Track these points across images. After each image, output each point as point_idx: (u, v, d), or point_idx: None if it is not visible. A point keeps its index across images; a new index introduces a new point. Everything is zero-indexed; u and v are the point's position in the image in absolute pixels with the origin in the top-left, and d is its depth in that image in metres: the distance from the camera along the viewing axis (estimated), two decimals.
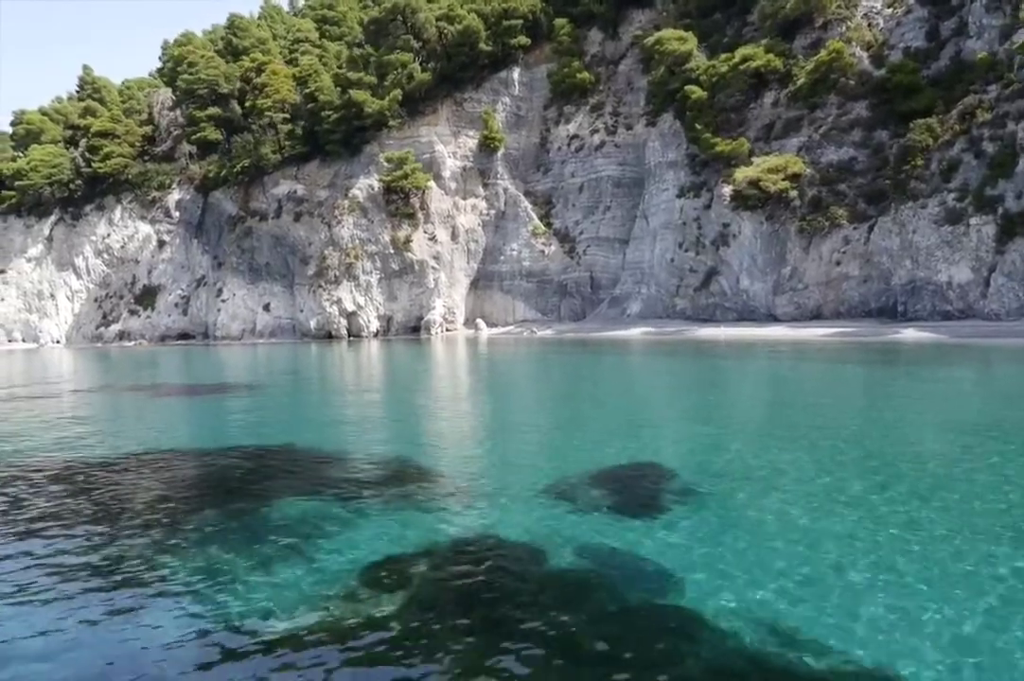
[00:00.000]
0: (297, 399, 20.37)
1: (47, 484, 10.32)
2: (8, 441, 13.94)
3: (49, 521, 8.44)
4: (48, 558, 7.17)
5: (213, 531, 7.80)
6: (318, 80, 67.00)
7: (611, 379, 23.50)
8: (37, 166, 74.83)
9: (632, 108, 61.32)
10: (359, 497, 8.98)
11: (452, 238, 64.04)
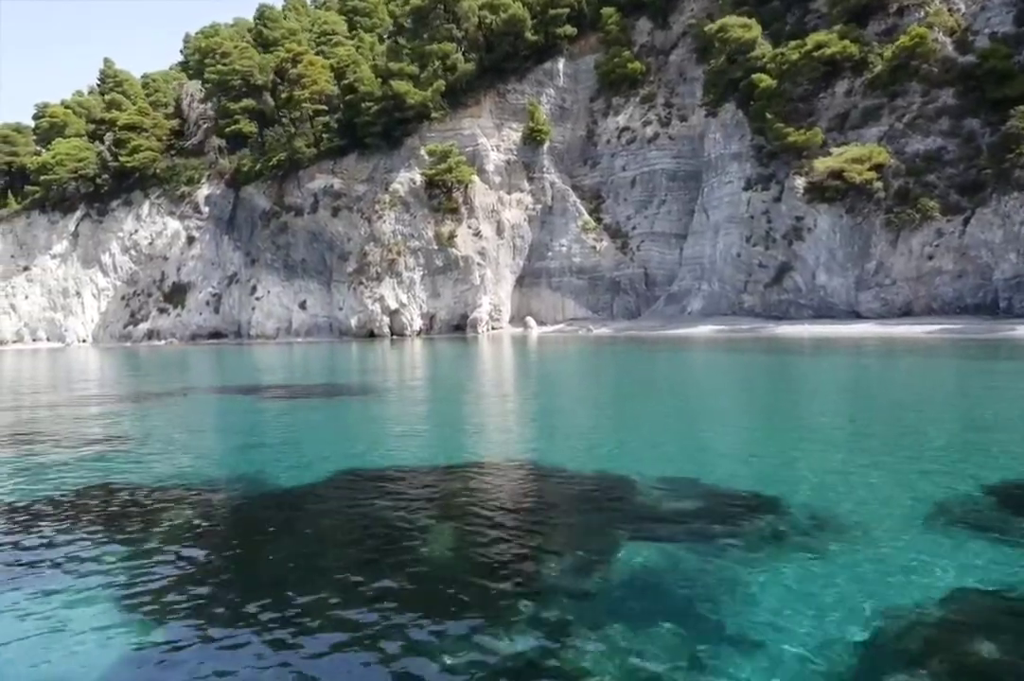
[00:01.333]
0: (440, 406, 18.28)
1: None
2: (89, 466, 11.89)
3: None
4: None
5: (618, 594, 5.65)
6: (357, 71, 65.00)
7: (725, 381, 21.47)
8: (63, 160, 72.74)
9: (686, 99, 59.35)
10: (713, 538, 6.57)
11: (497, 233, 62.01)
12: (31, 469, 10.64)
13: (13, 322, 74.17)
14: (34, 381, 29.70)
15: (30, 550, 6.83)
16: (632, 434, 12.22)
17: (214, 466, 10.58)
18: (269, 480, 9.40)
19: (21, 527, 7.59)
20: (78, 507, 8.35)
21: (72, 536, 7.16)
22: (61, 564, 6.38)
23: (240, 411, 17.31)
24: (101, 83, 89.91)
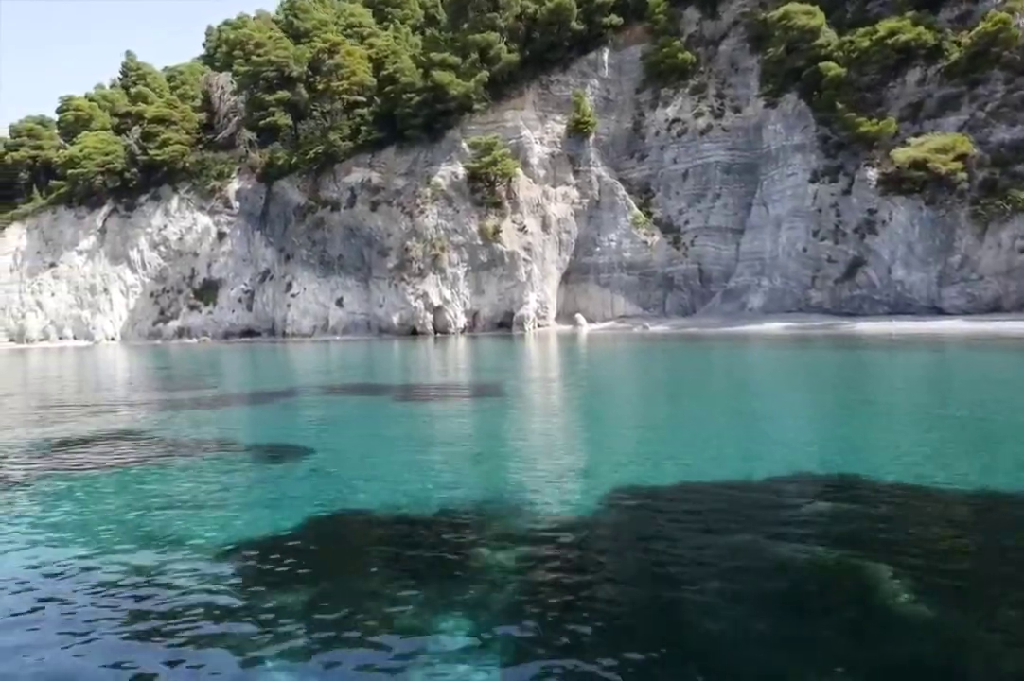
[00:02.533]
0: (595, 411, 16.60)
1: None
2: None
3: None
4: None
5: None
6: (397, 61, 63.26)
7: (855, 378, 19.84)
8: (90, 154, 70.93)
9: (739, 90, 57.70)
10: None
11: (543, 228, 60.35)
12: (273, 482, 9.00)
13: (39, 320, 72.42)
14: (109, 379, 27.99)
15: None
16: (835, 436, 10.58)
17: (489, 483, 8.93)
18: (548, 496, 7.76)
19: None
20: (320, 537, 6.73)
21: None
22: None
23: (401, 415, 15.65)
24: (123, 76, 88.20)
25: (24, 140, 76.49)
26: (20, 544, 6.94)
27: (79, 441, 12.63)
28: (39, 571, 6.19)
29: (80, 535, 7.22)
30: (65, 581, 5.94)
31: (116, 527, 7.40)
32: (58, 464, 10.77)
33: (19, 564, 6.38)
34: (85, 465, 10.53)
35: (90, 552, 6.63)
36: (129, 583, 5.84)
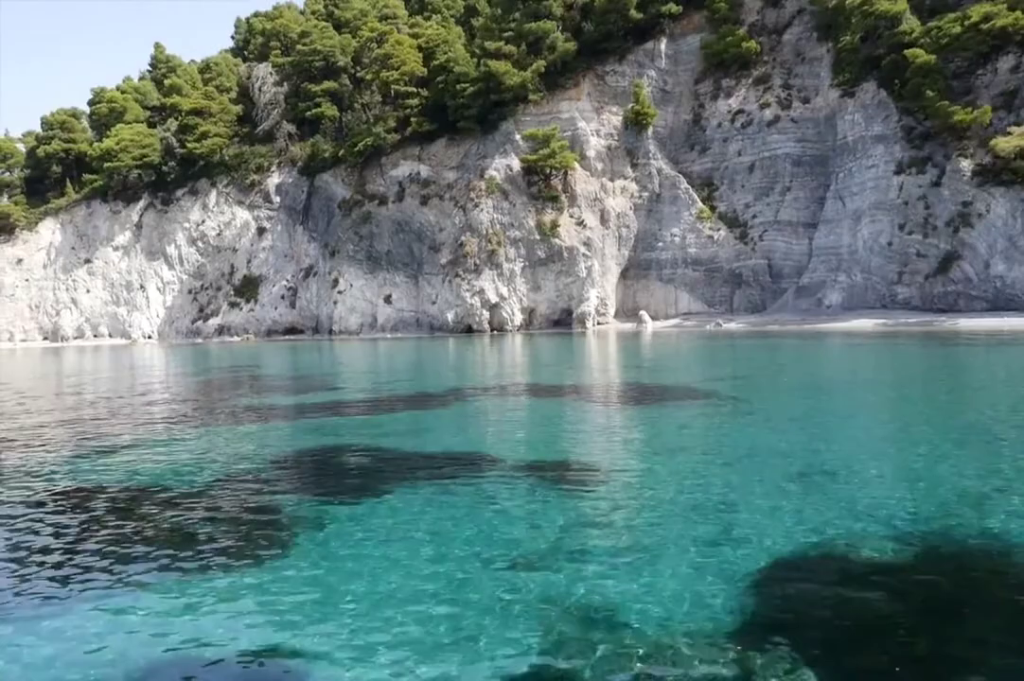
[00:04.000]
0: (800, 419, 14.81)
1: None
2: None
3: None
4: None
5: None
6: (450, 50, 61.42)
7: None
8: (127, 146, 68.98)
9: (806, 80, 55.96)
10: None
11: (602, 223, 58.56)
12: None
13: (74, 317, 70.51)
14: (216, 382, 26.16)
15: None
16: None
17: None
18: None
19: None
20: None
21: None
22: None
23: (638, 420, 13.85)
24: (152, 69, 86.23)
25: (56, 133, 74.46)
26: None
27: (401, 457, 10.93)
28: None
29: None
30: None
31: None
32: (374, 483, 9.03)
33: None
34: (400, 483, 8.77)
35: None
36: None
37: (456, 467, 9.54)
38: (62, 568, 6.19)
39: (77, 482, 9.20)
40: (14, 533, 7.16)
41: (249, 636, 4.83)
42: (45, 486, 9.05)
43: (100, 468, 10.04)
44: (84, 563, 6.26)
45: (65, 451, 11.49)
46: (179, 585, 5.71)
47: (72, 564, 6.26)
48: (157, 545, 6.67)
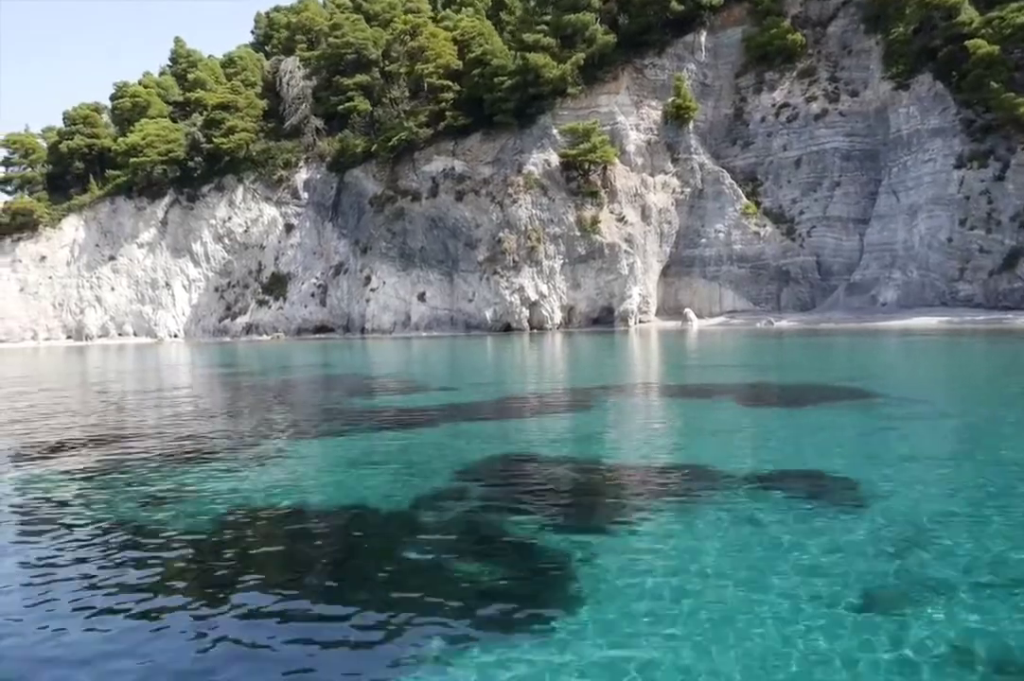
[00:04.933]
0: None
1: None
2: None
3: None
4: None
5: None
6: (486, 42, 60.20)
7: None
8: (153, 141, 67.68)
9: (854, 73, 54.81)
10: None
11: (643, 219, 57.36)
12: None
13: (99, 315, 69.23)
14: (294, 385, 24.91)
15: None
16: None
17: None
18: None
19: None
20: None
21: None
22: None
23: (856, 426, 12.64)
24: (172, 64, 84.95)
25: (79, 128, 73.13)
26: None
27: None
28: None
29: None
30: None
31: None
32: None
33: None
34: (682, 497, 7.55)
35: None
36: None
37: (680, 480, 8.28)
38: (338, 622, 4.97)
39: (266, 504, 7.91)
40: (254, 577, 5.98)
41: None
42: (226, 508, 7.83)
43: (276, 488, 8.68)
44: (361, 624, 4.93)
45: (221, 464, 10.26)
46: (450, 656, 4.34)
47: (341, 620, 5.02)
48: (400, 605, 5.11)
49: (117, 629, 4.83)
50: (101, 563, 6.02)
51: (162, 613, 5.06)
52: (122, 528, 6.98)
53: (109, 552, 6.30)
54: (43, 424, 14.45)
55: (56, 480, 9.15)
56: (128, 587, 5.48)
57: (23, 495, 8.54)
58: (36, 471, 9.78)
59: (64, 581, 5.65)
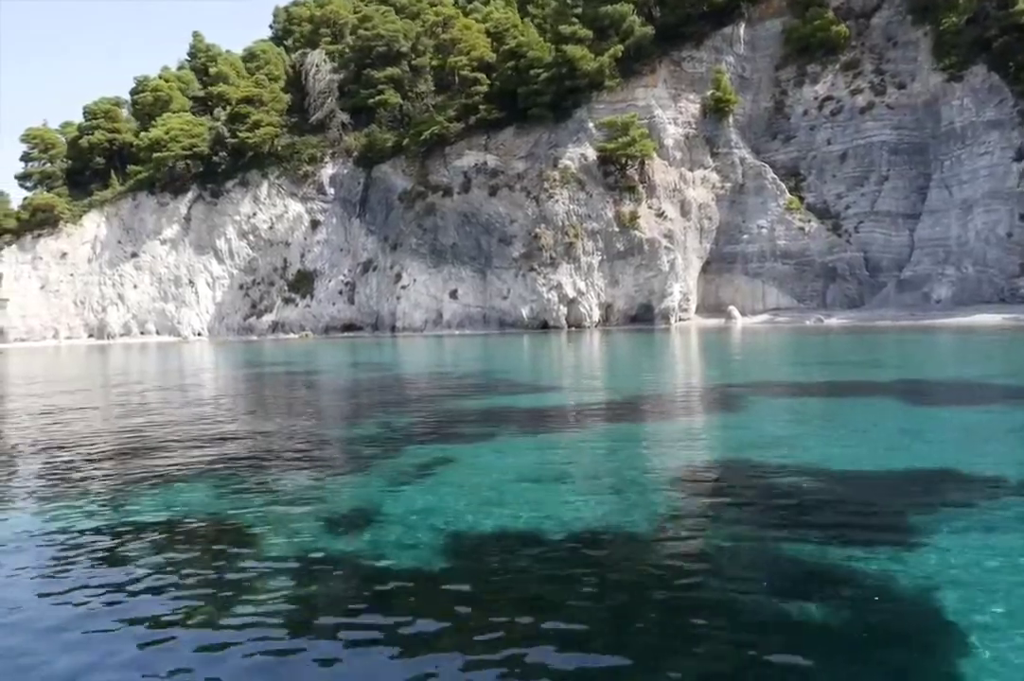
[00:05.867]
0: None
1: None
2: None
3: None
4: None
5: None
6: (520, 34, 58.96)
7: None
8: (177, 136, 66.41)
9: (900, 65, 53.56)
10: None
11: (682, 214, 56.14)
12: None
13: (121, 314, 67.96)
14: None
15: None
16: None
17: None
18: None
19: None
20: None
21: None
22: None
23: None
24: (191, 58, 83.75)
25: (100, 122, 71.89)
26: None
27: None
28: None
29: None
30: None
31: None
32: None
33: None
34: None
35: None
36: None
37: (948, 488, 7.00)
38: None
39: (470, 526, 6.61)
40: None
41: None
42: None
43: (468, 507, 7.36)
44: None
45: (387, 477, 8.99)
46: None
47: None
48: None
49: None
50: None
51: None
52: (345, 562, 5.70)
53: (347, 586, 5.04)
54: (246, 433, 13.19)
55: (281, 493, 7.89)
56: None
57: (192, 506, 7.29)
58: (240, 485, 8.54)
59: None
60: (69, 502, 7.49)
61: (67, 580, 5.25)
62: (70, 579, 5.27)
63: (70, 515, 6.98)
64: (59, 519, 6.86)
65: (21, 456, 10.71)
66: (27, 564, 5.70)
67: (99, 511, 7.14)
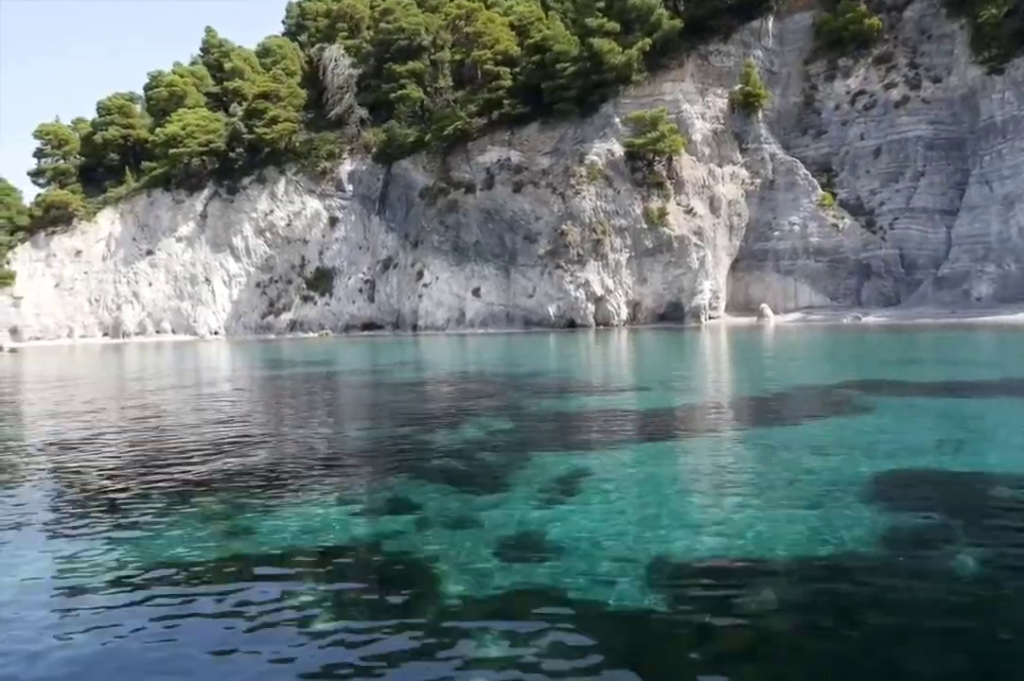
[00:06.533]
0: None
1: None
2: None
3: None
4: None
5: None
6: (545, 27, 57.93)
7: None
8: (193, 132, 65.33)
9: (935, 58, 52.58)
10: None
11: (711, 211, 55.16)
12: None
13: (136, 312, 66.90)
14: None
15: None
16: None
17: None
18: None
19: None
20: None
21: None
22: None
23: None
24: (204, 53, 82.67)
25: (114, 118, 70.84)
26: None
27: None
28: None
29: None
30: None
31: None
32: None
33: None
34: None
35: None
36: None
37: None
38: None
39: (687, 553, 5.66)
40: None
41: None
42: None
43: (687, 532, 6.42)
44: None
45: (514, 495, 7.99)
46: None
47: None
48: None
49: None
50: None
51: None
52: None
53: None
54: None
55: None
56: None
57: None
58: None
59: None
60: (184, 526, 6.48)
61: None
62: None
63: (195, 535, 5.97)
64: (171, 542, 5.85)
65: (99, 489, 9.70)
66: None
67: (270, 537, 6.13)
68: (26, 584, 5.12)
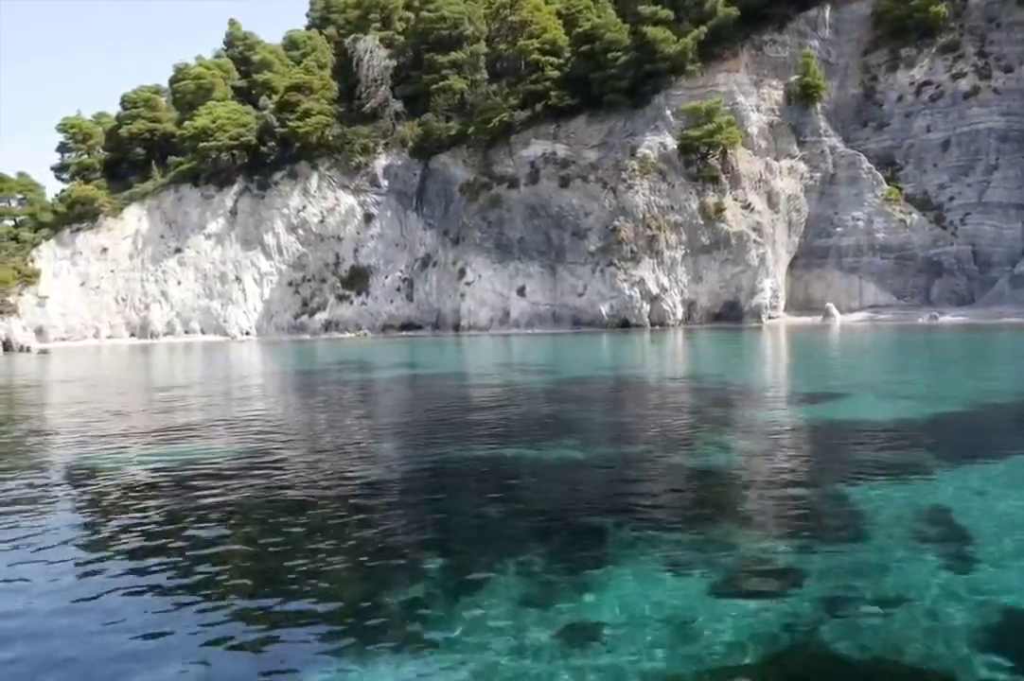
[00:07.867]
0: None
1: None
2: None
3: None
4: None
5: None
6: (596, 15, 55.75)
7: None
8: (224, 125, 63.05)
9: (1005, 47, 50.63)
10: None
11: (770, 206, 53.05)
12: None
13: (164, 312, 64.59)
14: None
15: None
16: None
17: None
18: None
19: None
20: None
21: None
22: None
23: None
24: (228, 46, 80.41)
25: (140, 111, 68.57)
26: None
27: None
28: None
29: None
30: None
31: None
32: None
33: None
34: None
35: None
36: None
37: None
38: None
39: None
40: None
41: None
42: None
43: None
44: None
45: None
46: None
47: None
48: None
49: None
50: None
51: None
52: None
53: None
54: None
55: None
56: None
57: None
58: None
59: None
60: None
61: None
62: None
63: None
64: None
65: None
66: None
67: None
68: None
